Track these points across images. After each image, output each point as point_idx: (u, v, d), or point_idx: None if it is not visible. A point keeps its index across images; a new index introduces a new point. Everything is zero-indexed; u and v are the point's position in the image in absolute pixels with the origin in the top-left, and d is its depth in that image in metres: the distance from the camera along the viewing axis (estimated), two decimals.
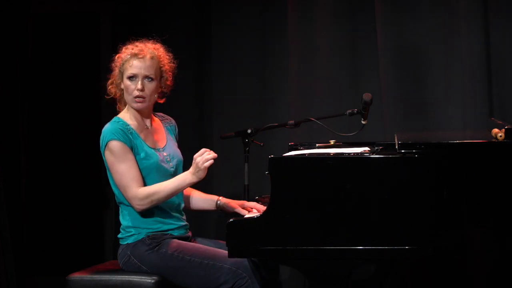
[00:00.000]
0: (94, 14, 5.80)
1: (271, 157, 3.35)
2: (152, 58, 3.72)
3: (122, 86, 3.75)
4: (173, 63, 3.83)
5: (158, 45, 3.80)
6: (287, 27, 5.09)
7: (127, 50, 3.74)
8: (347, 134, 4.09)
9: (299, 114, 4.85)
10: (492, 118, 4.21)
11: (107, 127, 3.69)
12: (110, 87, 3.81)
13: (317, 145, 4.06)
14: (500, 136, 3.43)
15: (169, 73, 3.81)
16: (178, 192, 3.70)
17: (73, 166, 5.92)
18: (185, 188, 3.71)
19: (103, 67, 5.72)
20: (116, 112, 3.84)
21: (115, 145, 3.65)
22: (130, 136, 3.68)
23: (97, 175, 5.81)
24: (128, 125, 3.71)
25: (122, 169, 3.64)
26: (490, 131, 3.57)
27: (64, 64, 5.93)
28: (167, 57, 3.80)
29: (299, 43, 5.06)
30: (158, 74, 3.75)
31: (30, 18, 5.67)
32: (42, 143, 5.91)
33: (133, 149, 3.68)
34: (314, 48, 5.05)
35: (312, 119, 4.21)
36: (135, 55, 3.71)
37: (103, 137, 3.69)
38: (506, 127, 3.43)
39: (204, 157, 3.57)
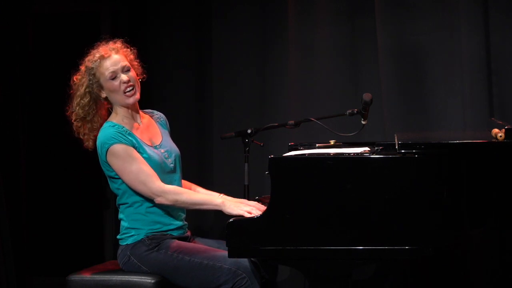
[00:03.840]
0: (94, 14, 5.80)
1: (271, 157, 3.35)
2: (117, 52, 3.76)
3: (104, 95, 3.74)
4: (133, 50, 3.84)
5: (111, 42, 3.82)
6: (287, 27, 5.09)
7: (91, 59, 3.75)
8: (347, 134, 4.09)
9: (299, 114, 4.85)
10: (492, 118, 4.21)
11: (103, 134, 3.67)
12: (77, 108, 3.76)
13: (317, 145, 4.06)
14: (500, 136, 3.43)
15: (135, 61, 3.84)
16: (202, 207, 3.67)
17: (73, 166, 5.92)
18: (210, 208, 3.67)
19: None
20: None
21: (119, 148, 3.64)
22: (130, 137, 3.68)
23: (97, 175, 5.80)
24: (124, 127, 3.71)
25: (135, 167, 3.63)
26: (490, 131, 3.57)
27: (64, 64, 5.91)
28: (125, 47, 3.83)
29: (299, 43, 5.06)
30: (130, 63, 3.78)
31: (30, 18, 5.67)
32: (42, 143, 5.91)
33: (136, 149, 3.68)
34: (314, 48, 5.04)
35: (312, 119, 4.21)
36: (102, 57, 3.73)
37: (101, 144, 3.66)
38: (506, 127, 3.43)
39: (250, 205, 3.58)
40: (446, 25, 4.78)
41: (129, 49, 3.82)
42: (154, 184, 3.64)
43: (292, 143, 4.23)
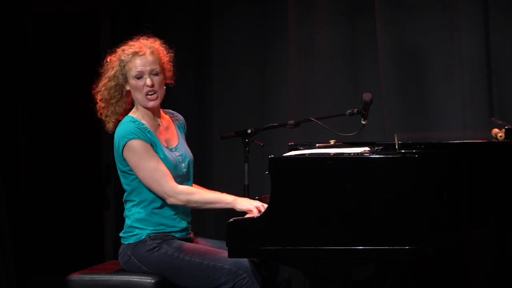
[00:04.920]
0: (94, 14, 5.81)
1: (271, 157, 3.35)
2: (152, 53, 3.73)
3: (128, 88, 3.74)
4: (170, 53, 3.83)
5: (152, 39, 3.80)
6: (287, 27, 5.09)
7: (126, 51, 3.73)
8: (347, 134, 4.09)
9: (299, 114, 4.85)
10: (492, 118, 4.21)
11: (123, 128, 3.66)
12: (103, 88, 3.76)
13: (317, 145, 4.06)
14: (500, 136, 3.43)
15: (169, 64, 3.81)
16: (214, 206, 3.67)
17: (73, 166, 5.92)
18: (222, 207, 3.67)
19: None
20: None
21: (137, 144, 3.62)
22: (149, 135, 3.67)
23: (97, 175, 5.81)
24: (144, 124, 3.70)
25: (151, 165, 3.62)
26: (490, 131, 3.57)
27: (64, 64, 5.93)
28: (163, 49, 3.80)
29: (299, 43, 5.06)
30: (161, 67, 3.75)
31: (30, 18, 5.68)
32: (42, 142, 5.91)
33: (153, 148, 3.68)
34: (314, 48, 5.04)
35: (312, 119, 4.20)
36: (135, 54, 3.70)
37: (120, 137, 3.64)
38: (506, 127, 3.43)
39: (259, 204, 3.60)
40: (446, 25, 4.78)
41: (164, 50, 3.79)
42: (168, 183, 3.63)
43: (292, 143, 4.22)
